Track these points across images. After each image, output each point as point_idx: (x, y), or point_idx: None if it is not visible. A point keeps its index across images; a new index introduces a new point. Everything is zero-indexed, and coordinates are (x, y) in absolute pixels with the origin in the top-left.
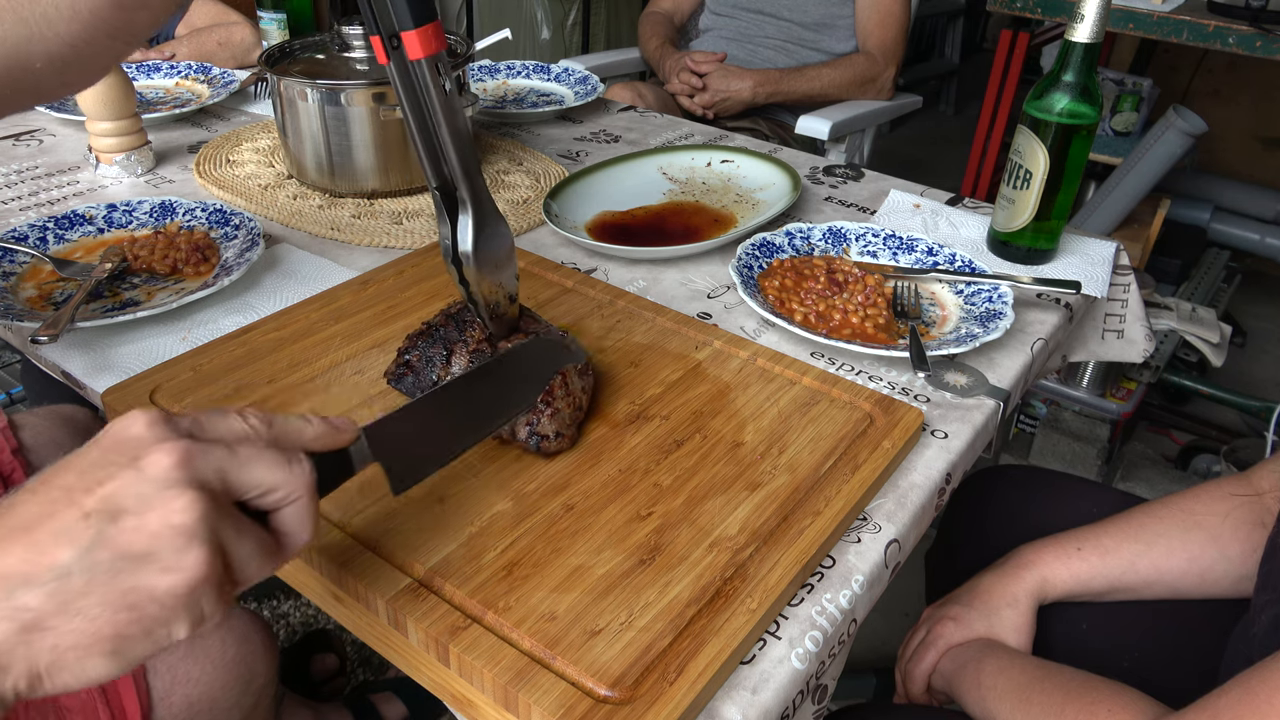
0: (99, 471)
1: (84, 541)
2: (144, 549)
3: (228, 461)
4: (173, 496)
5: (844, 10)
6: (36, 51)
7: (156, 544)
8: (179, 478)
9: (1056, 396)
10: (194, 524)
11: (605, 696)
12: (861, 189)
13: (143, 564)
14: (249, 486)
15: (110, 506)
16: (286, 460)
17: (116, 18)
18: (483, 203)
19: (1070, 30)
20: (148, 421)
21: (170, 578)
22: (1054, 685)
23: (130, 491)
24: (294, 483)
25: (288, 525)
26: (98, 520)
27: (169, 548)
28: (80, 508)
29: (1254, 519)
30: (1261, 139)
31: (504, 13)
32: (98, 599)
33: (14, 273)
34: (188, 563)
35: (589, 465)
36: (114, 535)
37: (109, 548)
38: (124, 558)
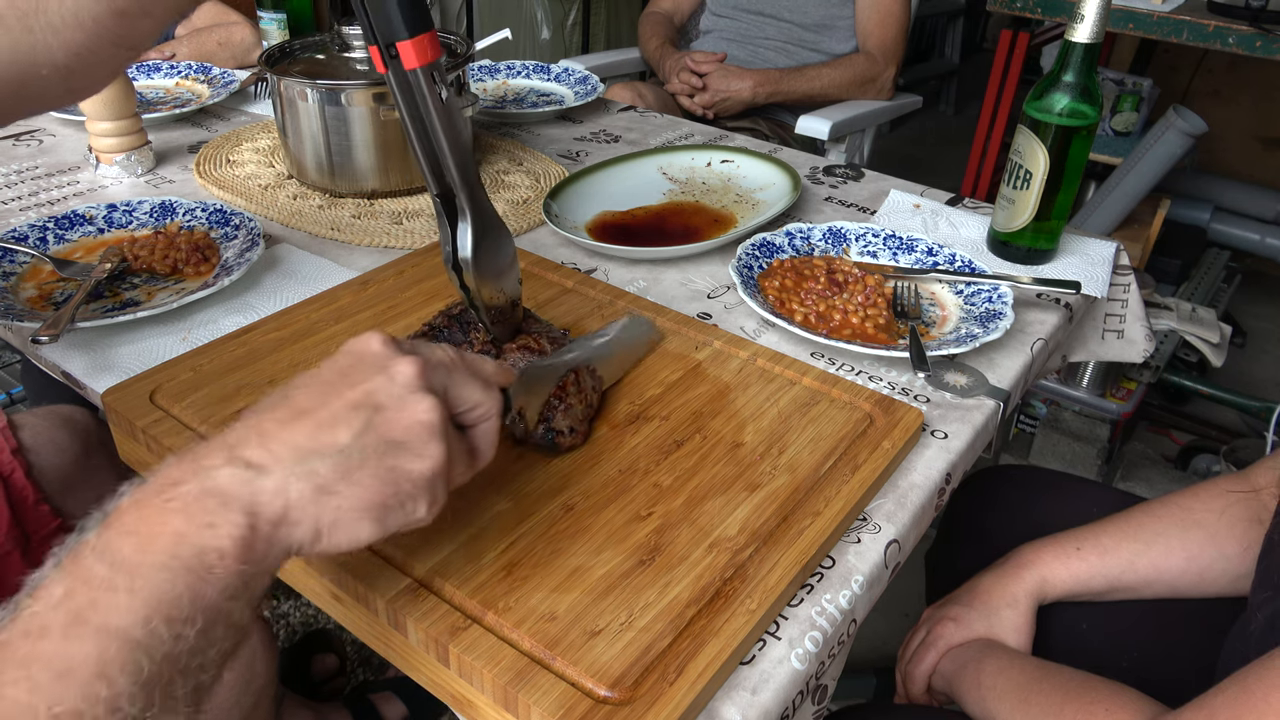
0: (357, 375)
1: (357, 426)
2: (401, 437)
3: (449, 379)
4: (419, 399)
5: (844, 11)
6: (42, 60)
7: (409, 435)
8: (421, 385)
9: (1056, 396)
10: (436, 422)
11: (605, 697)
12: (861, 189)
13: (400, 449)
14: (462, 400)
15: (372, 401)
16: (486, 384)
17: (119, 26)
18: (482, 210)
19: (1070, 30)
20: (383, 340)
21: (420, 463)
22: (1053, 685)
23: (386, 391)
24: (491, 403)
25: (481, 440)
26: (365, 411)
27: (419, 439)
28: (349, 400)
29: (1251, 516)
30: (1261, 139)
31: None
32: (369, 472)
33: (14, 273)
34: (431, 451)
35: (589, 465)
36: (378, 424)
37: (375, 433)
38: (386, 442)
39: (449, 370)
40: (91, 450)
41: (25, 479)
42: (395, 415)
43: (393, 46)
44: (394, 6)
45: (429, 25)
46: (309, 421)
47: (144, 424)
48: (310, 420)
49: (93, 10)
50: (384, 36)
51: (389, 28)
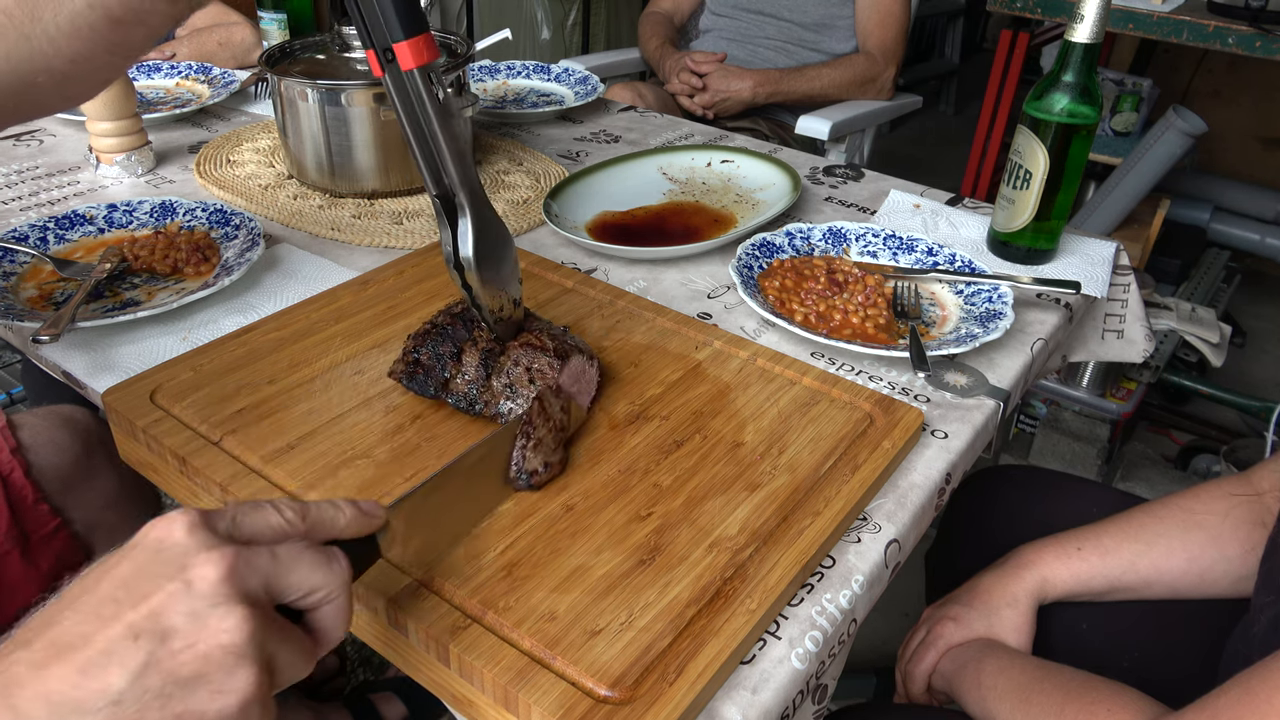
0: (145, 584)
1: (134, 665)
2: (195, 672)
3: (272, 568)
4: (222, 615)
5: (844, 10)
6: (39, 67)
7: (208, 666)
8: (227, 593)
9: (1056, 396)
10: (244, 643)
11: (605, 696)
12: (861, 189)
13: (194, 687)
14: (292, 590)
15: (159, 625)
16: (326, 560)
17: (115, 34)
18: (482, 210)
19: (1070, 30)
20: (188, 527)
21: (221, 700)
22: (1054, 685)
23: (179, 609)
24: (334, 582)
25: (325, 623)
26: (147, 641)
27: (220, 669)
28: (127, 624)
29: (1254, 519)
30: (1261, 139)
31: (504, 13)
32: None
33: (14, 273)
34: (238, 684)
35: (589, 465)
36: (164, 658)
37: (160, 672)
38: (175, 682)
39: (273, 554)
40: (91, 450)
41: (25, 478)
42: (188, 641)
43: (389, 49)
44: (389, 9)
45: (424, 27)
46: (72, 661)
47: (144, 424)
48: (74, 659)
49: (88, 18)
50: (380, 39)
51: (385, 30)
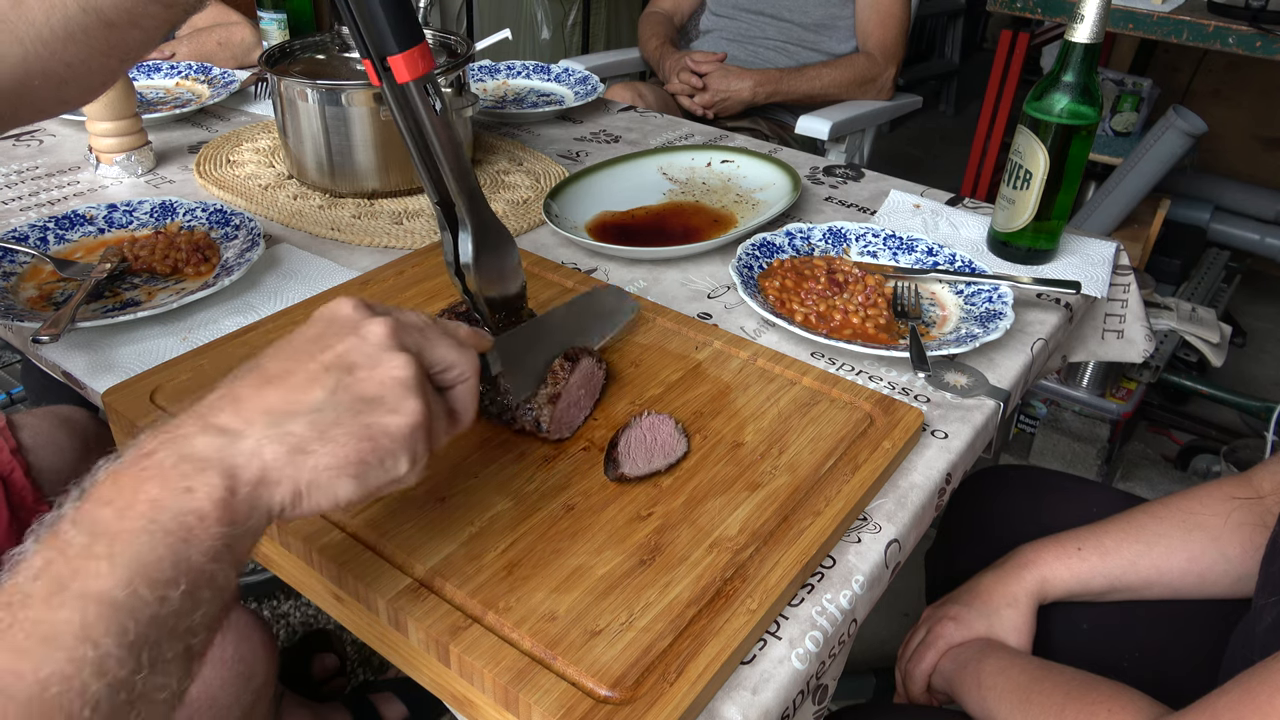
0: (328, 338)
1: (329, 385)
2: (375, 394)
3: (422, 338)
4: (392, 356)
5: (844, 11)
6: (34, 70)
7: (384, 390)
8: (393, 343)
9: (1056, 396)
10: (410, 378)
11: (606, 697)
12: (861, 189)
13: (376, 405)
14: (436, 361)
15: (344, 362)
16: (460, 345)
17: (109, 37)
18: (482, 216)
19: (1070, 30)
20: (354, 304)
21: (397, 418)
22: (1054, 685)
23: (359, 351)
24: (466, 363)
25: (459, 402)
26: (337, 371)
27: (394, 394)
28: (320, 362)
29: (1255, 520)
30: (1261, 139)
31: (504, 13)
32: (345, 430)
33: (14, 273)
34: (408, 407)
35: (589, 465)
36: (351, 384)
37: (349, 392)
38: (361, 399)
39: (422, 331)
40: (91, 450)
41: (24, 478)
42: (369, 373)
43: (385, 60)
44: (384, 21)
45: (419, 38)
46: (281, 385)
47: (144, 424)
48: (283, 384)
49: (81, 22)
50: (377, 50)
51: (380, 42)
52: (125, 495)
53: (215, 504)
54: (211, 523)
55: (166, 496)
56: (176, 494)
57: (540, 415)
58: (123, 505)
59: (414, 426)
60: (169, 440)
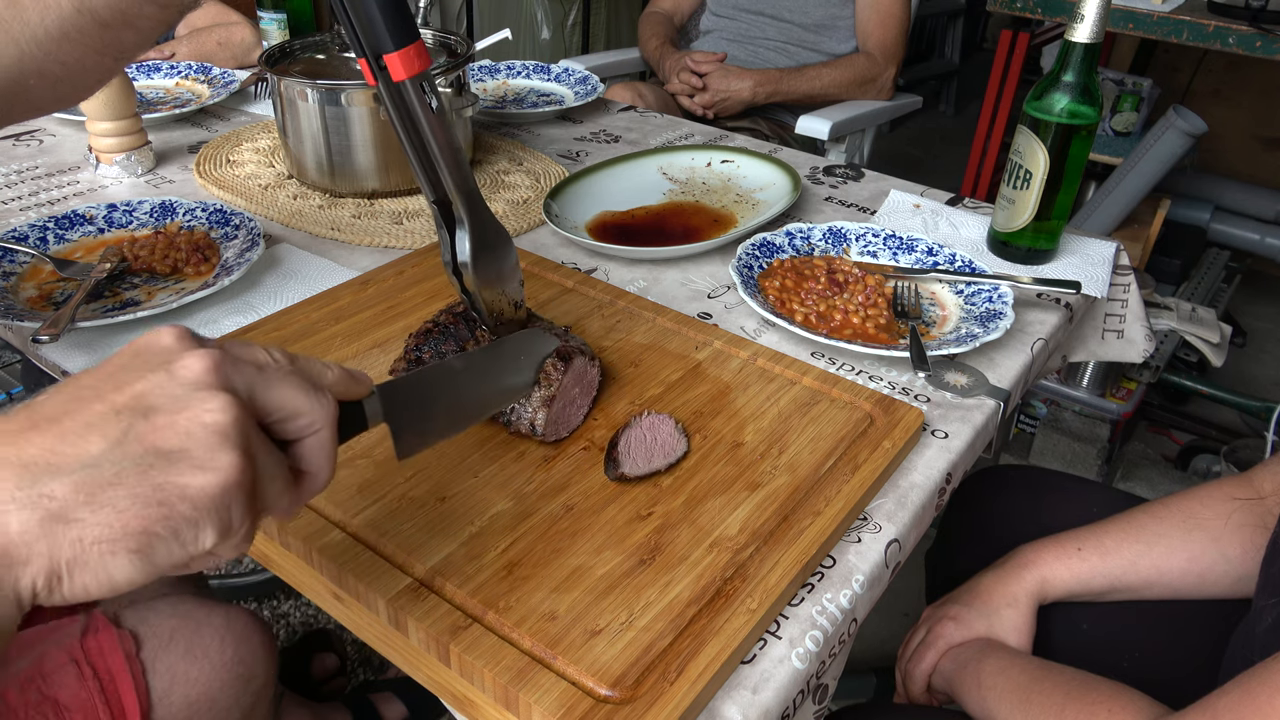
0: (129, 374)
1: (114, 435)
2: (177, 445)
3: (256, 378)
4: (206, 398)
5: (844, 11)
6: (29, 70)
7: (189, 441)
8: (212, 382)
9: (1056, 396)
10: (228, 424)
11: (606, 696)
12: (861, 189)
13: (175, 460)
14: (275, 407)
15: (141, 404)
16: (311, 388)
17: (104, 37)
18: (480, 216)
19: (1070, 30)
20: (176, 334)
21: (203, 476)
22: (1054, 685)
23: (163, 392)
24: (318, 412)
25: (309, 460)
26: (129, 415)
27: (202, 446)
28: (110, 404)
29: (1255, 521)
30: (1261, 139)
31: (504, 13)
32: (127, 491)
33: (14, 273)
34: (221, 463)
35: (589, 465)
36: (146, 431)
37: (141, 442)
38: (156, 453)
39: (261, 369)
40: None
41: None
42: (169, 418)
43: (381, 59)
44: (379, 19)
45: (414, 36)
46: (51, 431)
47: None
48: (53, 430)
49: (76, 22)
50: (373, 49)
51: (376, 40)
52: None
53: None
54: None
55: None
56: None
57: (535, 419)
58: None
59: (225, 487)
60: None
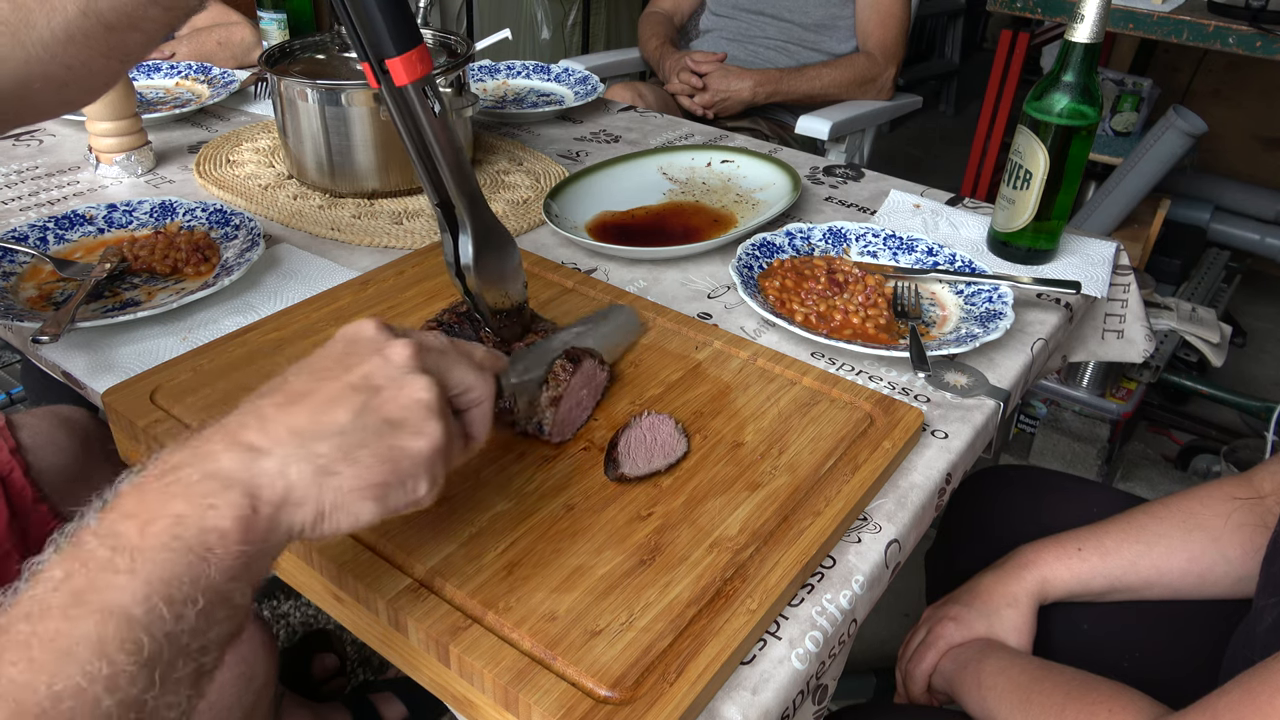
0: (352, 358)
1: (355, 407)
2: (399, 416)
3: (442, 361)
4: (415, 379)
5: (844, 11)
6: (35, 73)
7: (408, 413)
8: (416, 365)
9: (1056, 396)
10: (433, 400)
11: (606, 697)
12: (861, 189)
13: (399, 428)
14: (456, 383)
15: (370, 383)
16: (479, 368)
17: (109, 39)
18: (483, 218)
19: (1070, 30)
20: (377, 325)
21: (419, 441)
22: (1054, 685)
23: (382, 373)
24: (483, 387)
25: (474, 425)
26: (362, 392)
27: (417, 417)
28: (345, 382)
29: (1255, 521)
30: (1261, 139)
31: (504, 13)
32: (370, 452)
33: (14, 273)
34: (430, 429)
35: (589, 465)
36: (376, 405)
37: (374, 413)
38: (385, 421)
39: (442, 353)
40: (91, 450)
41: (24, 478)
42: (393, 395)
43: (383, 63)
44: (381, 24)
45: (417, 40)
46: (307, 404)
47: (144, 424)
48: (308, 403)
49: (81, 25)
50: (374, 52)
51: (378, 45)
52: (149, 509)
53: (237, 522)
54: (232, 541)
55: (190, 513)
56: (200, 511)
57: (543, 418)
58: (146, 519)
59: (435, 449)
60: (195, 456)
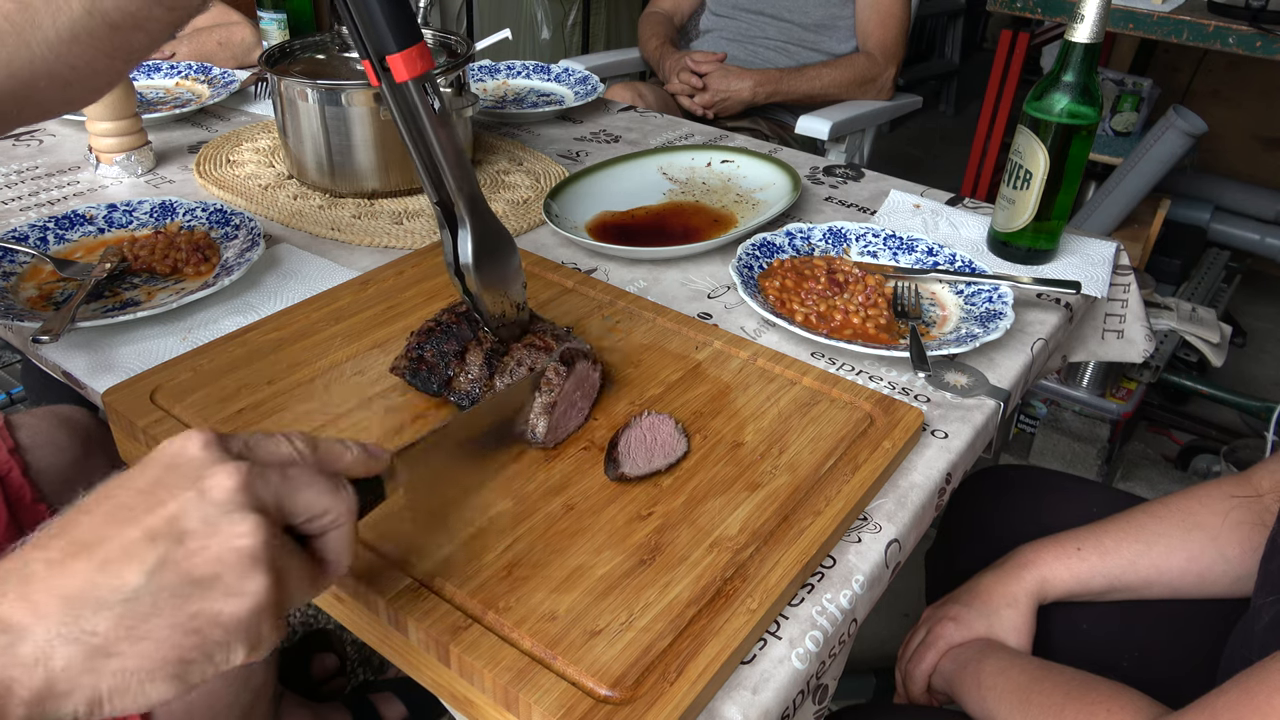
0: (160, 492)
1: (151, 563)
2: (209, 573)
3: (283, 486)
4: (236, 521)
5: (844, 11)
6: (40, 72)
7: (221, 568)
8: (241, 501)
9: (1056, 396)
10: (257, 548)
11: (606, 696)
12: (861, 189)
13: (208, 588)
14: (300, 511)
15: (175, 529)
16: (333, 486)
17: (114, 39)
18: (482, 217)
19: (1070, 30)
20: (203, 443)
21: (235, 602)
22: (1054, 685)
23: (194, 514)
24: (340, 508)
25: (330, 550)
26: (163, 543)
27: (233, 572)
28: (144, 527)
29: (1254, 519)
30: (1261, 139)
31: (504, 13)
32: (164, 622)
33: (14, 273)
34: (251, 587)
35: (589, 465)
36: (180, 558)
37: (175, 571)
38: (190, 581)
39: (284, 474)
40: (91, 450)
41: (23, 478)
42: (202, 544)
43: (384, 60)
44: (382, 21)
45: (417, 37)
46: (90, 559)
47: (144, 424)
48: (92, 558)
49: (86, 24)
50: (375, 50)
51: (379, 41)
52: None
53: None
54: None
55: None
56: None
57: (535, 426)
58: None
59: (255, 610)
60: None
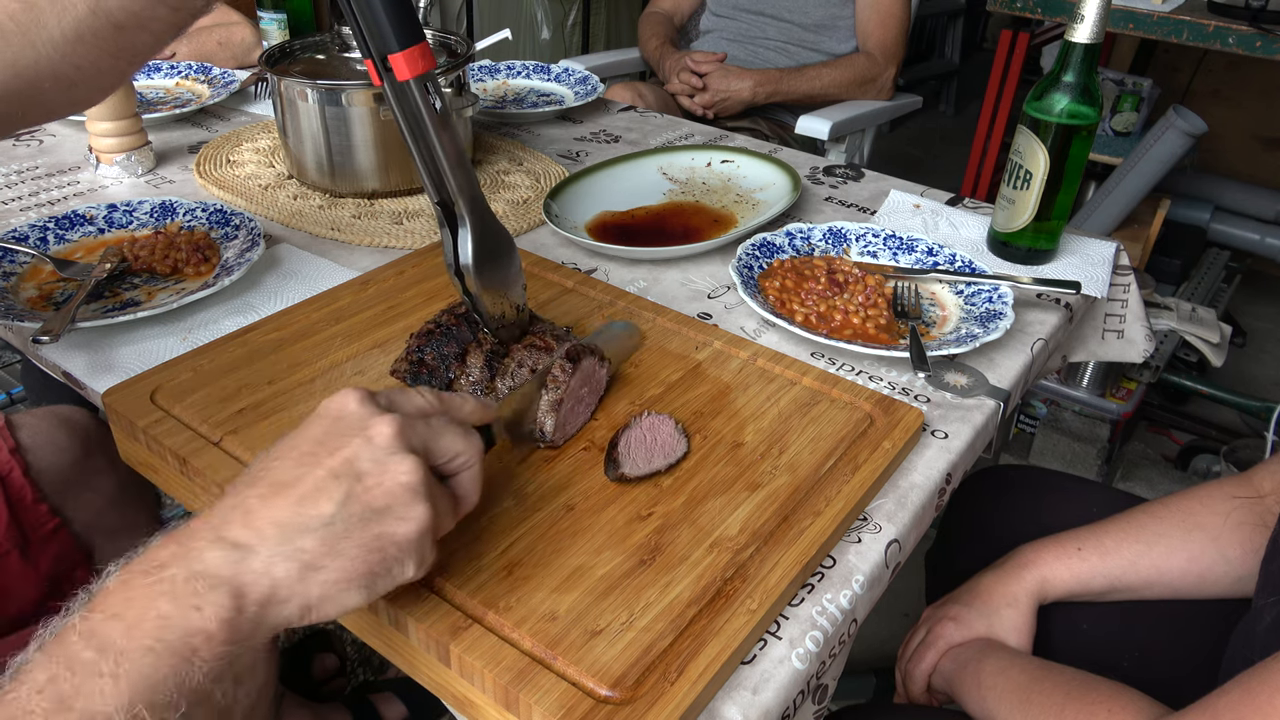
0: (333, 441)
1: (339, 496)
2: (383, 503)
3: (428, 432)
4: (398, 461)
5: (844, 11)
6: (45, 72)
7: (392, 499)
8: (400, 445)
9: (1056, 396)
10: (418, 482)
11: (606, 697)
12: (861, 189)
13: (384, 515)
14: (442, 453)
15: (352, 469)
16: (465, 432)
17: (118, 39)
18: (483, 217)
19: (1070, 31)
20: (359, 399)
21: (405, 526)
22: (1054, 685)
23: (365, 456)
24: (471, 451)
25: (463, 487)
26: (346, 480)
27: (401, 502)
28: (328, 468)
29: (1255, 520)
30: (1261, 139)
31: (504, 13)
32: (354, 543)
33: (14, 273)
34: (416, 513)
35: (589, 465)
36: (360, 493)
37: (359, 502)
38: (370, 510)
39: (428, 422)
40: (91, 450)
41: (23, 478)
42: (376, 480)
43: (386, 59)
44: (384, 20)
45: (419, 37)
46: (291, 495)
47: (144, 424)
48: (292, 494)
49: (91, 25)
50: (377, 49)
51: (381, 40)
52: (135, 609)
53: (222, 624)
54: (217, 642)
55: (175, 614)
56: (185, 612)
57: (543, 424)
58: (132, 621)
59: (421, 533)
60: (181, 552)
